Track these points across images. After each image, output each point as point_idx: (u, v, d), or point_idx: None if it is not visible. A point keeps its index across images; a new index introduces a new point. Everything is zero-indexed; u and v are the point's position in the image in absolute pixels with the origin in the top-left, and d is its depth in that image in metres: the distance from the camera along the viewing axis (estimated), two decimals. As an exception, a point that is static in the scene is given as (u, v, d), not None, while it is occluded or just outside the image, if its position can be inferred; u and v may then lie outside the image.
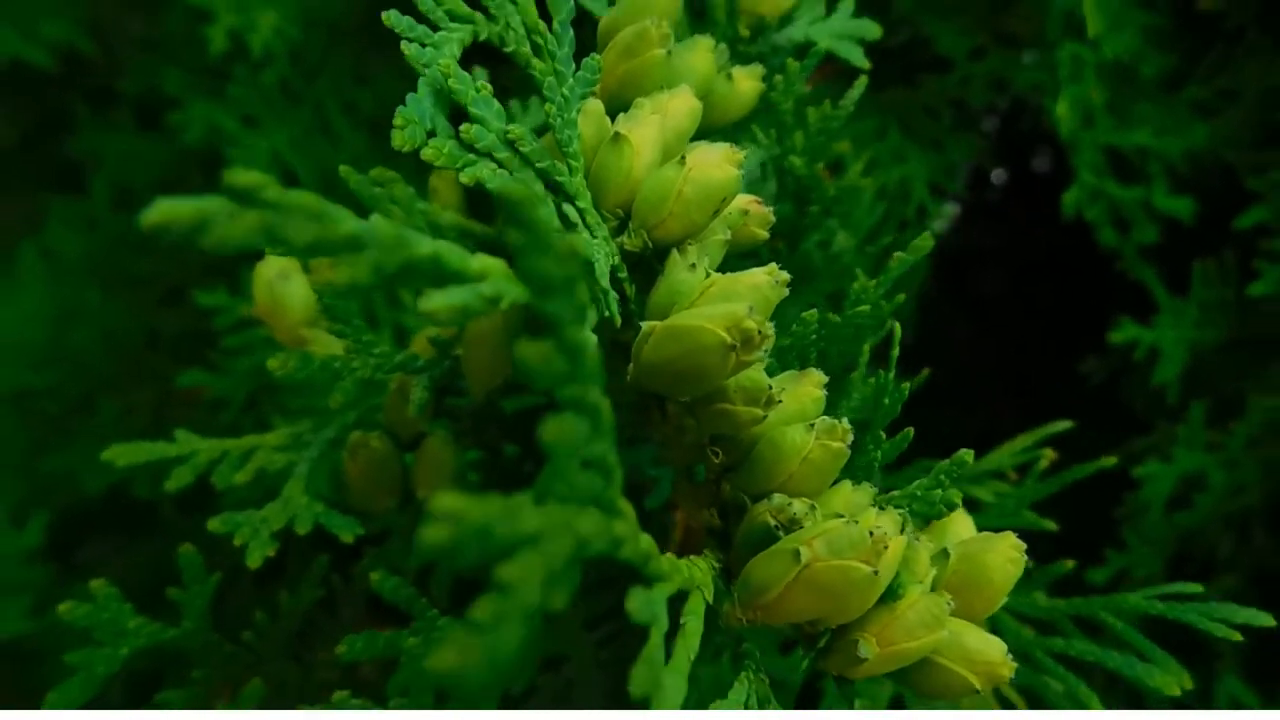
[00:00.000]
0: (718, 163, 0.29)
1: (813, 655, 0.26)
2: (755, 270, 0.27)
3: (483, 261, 0.17)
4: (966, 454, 0.31)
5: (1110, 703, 0.37)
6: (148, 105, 1.07)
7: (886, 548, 0.24)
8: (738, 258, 0.41)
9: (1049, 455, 0.46)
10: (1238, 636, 0.36)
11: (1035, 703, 0.36)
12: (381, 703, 0.28)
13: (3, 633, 0.93)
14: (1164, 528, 0.76)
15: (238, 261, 0.99)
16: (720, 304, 0.24)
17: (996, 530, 0.45)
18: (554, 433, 0.15)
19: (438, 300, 0.16)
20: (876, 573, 0.24)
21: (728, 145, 0.30)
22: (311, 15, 0.78)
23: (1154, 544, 0.77)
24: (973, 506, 0.48)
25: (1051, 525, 0.44)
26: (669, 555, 0.21)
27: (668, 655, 0.20)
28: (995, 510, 0.46)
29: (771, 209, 0.32)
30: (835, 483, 0.29)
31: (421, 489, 0.37)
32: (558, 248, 0.15)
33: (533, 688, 0.35)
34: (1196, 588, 0.38)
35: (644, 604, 0.18)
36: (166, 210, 0.14)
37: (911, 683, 0.28)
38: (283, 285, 0.41)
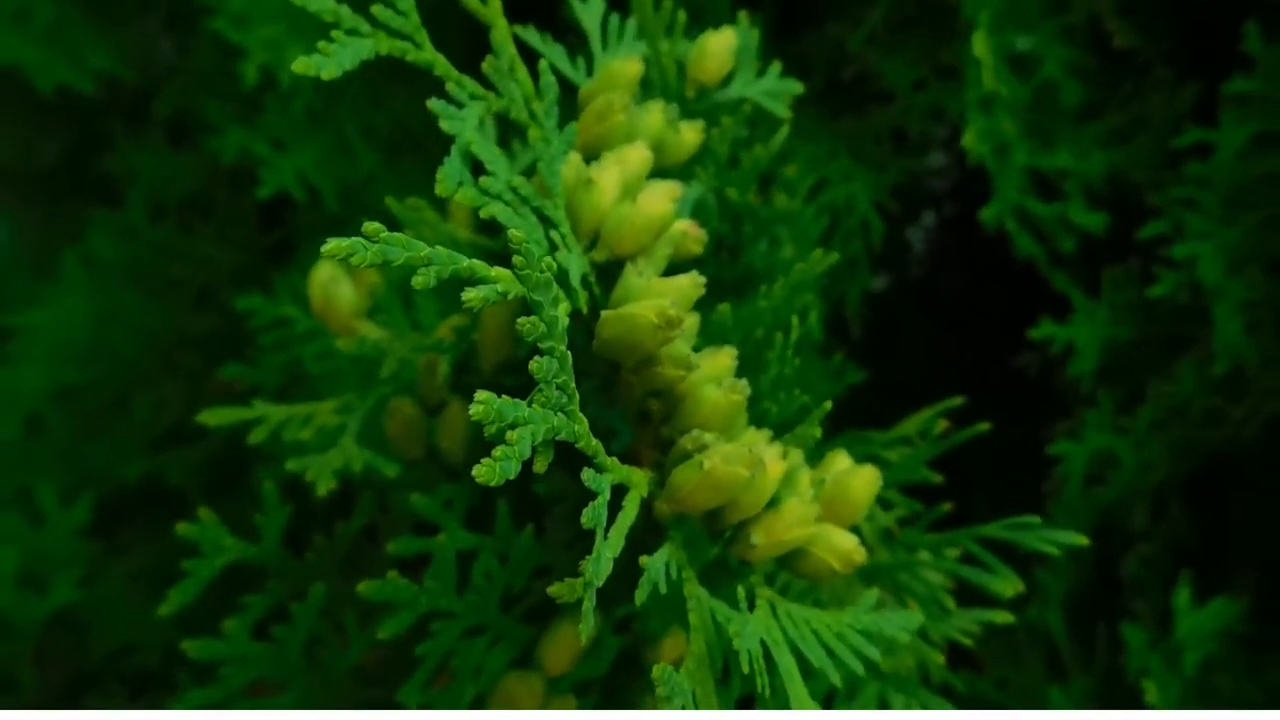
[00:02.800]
0: (660, 199, 0.42)
1: (721, 544, 0.39)
2: (681, 276, 0.40)
3: (498, 271, 0.30)
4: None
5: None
6: (178, 126, 1.19)
7: (764, 463, 0.37)
8: (691, 262, 0.54)
9: (942, 424, 0.59)
10: (1057, 551, 0.48)
11: (904, 600, 0.49)
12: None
13: (57, 601, 1.05)
14: (1083, 502, 0.89)
15: (262, 267, 1.12)
16: (652, 299, 0.37)
17: (900, 483, 0.59)
18: (536, 367, 0.28)
19: (471, 294, 0.29)
20: (753, 476, 0.36)
21: (669, 183, 0.43)
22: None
23: (1076, 517, 0.90)
24: (885, 464, 0.61)
25: (937, 478, 0.57)
26: (614, 459, 0.34)
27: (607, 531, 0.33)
28: (899, 467, 0.58)
29: (705, 231, 0.45)
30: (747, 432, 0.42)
31: (443, 443, 0.50)
32: (542, 264, 0.27)
33: (529, 588, 0.48)
34: (1035, 520, 0.51)
35: (591, 479, 0.30)
36: (334, 246, 0.27)
37: (792, 567, 0.41)
38: (334, 287, 0.54)
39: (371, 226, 0.27)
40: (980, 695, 0.92)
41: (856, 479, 0.42)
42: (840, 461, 0.44)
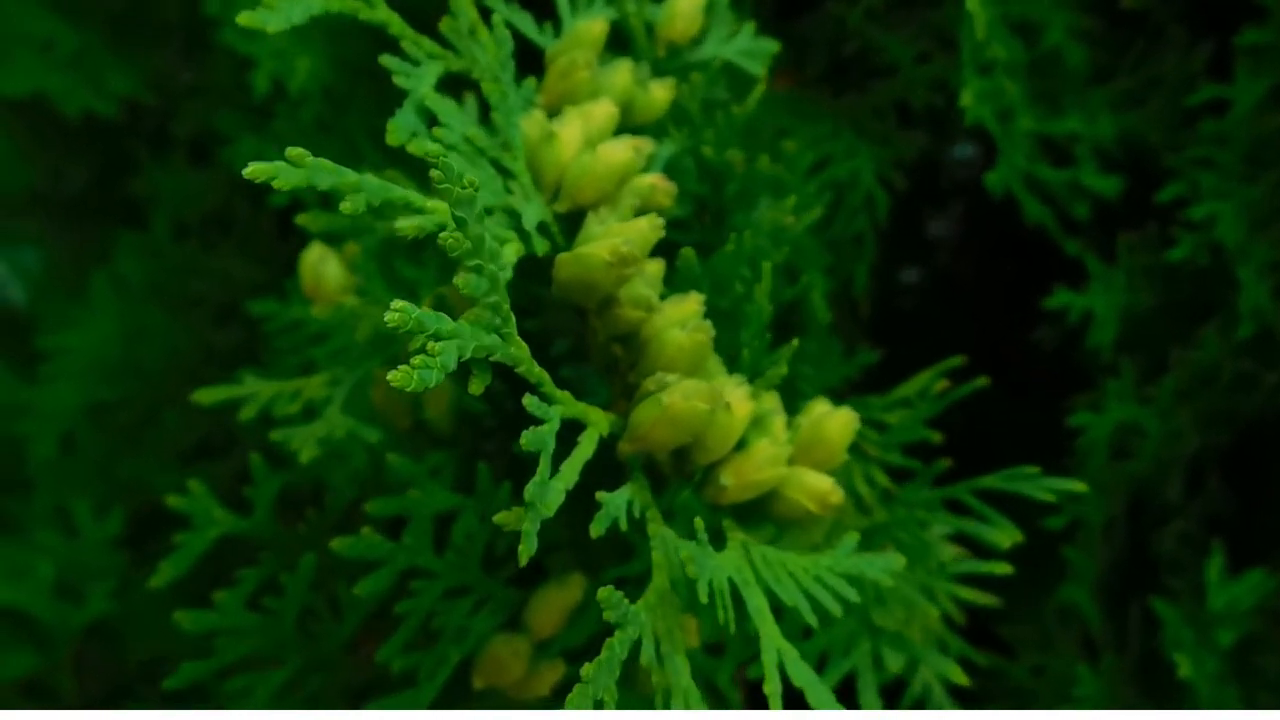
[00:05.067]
0: (621, 148, 0.42)
1: (690, 486, 0.39)
2: (640, 219, 0.40)
3: (434, 203, 0.30)
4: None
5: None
6: (199, 145, 1.23)
7: (728, 401, 0.37)
8: (671, 225, 0.54)
9: (942, 384, 0.58)
10: (1052, 498, 0.47)
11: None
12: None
13: (92, 612, 1.07)
14: (1111, 475, 0.86)
15: (280, 278, 1.14)
16: (607, 239, 0.38)
17: (901, 444, 0.58)
18: (463, 282, 0.28)
19: (405, 223, 0.29)
20: (714, 411, 0.36)
21: (631, 136, 0.43)
22: (340, 58, 0.93)
23: (1105, 491, 0.87)
24: (882, 428, 0.60)
25: (937, 436, 0.56)
26: (567, 393, 0.34)
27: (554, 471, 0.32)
28: (899, 428, 0.58)
29: (674, 186, 0.45)
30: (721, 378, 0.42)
31: (429, 412, 0.51)
32: (464, 180, 0.28)
33: (514, 550, 0.48)
34: (1034, 469, 0.49)
35: (534, 406, 0.31)
36: (257, 169, 0.27)
37: (766, 511, 0.40)
38: (322, 266, 0.55)
39: (295, 152, 0.28)
40: (1014, 683, 0.90)
41: (833, 421, 0.42)
42: (819, 407, 0.43)
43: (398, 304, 0.26)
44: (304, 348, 0.91)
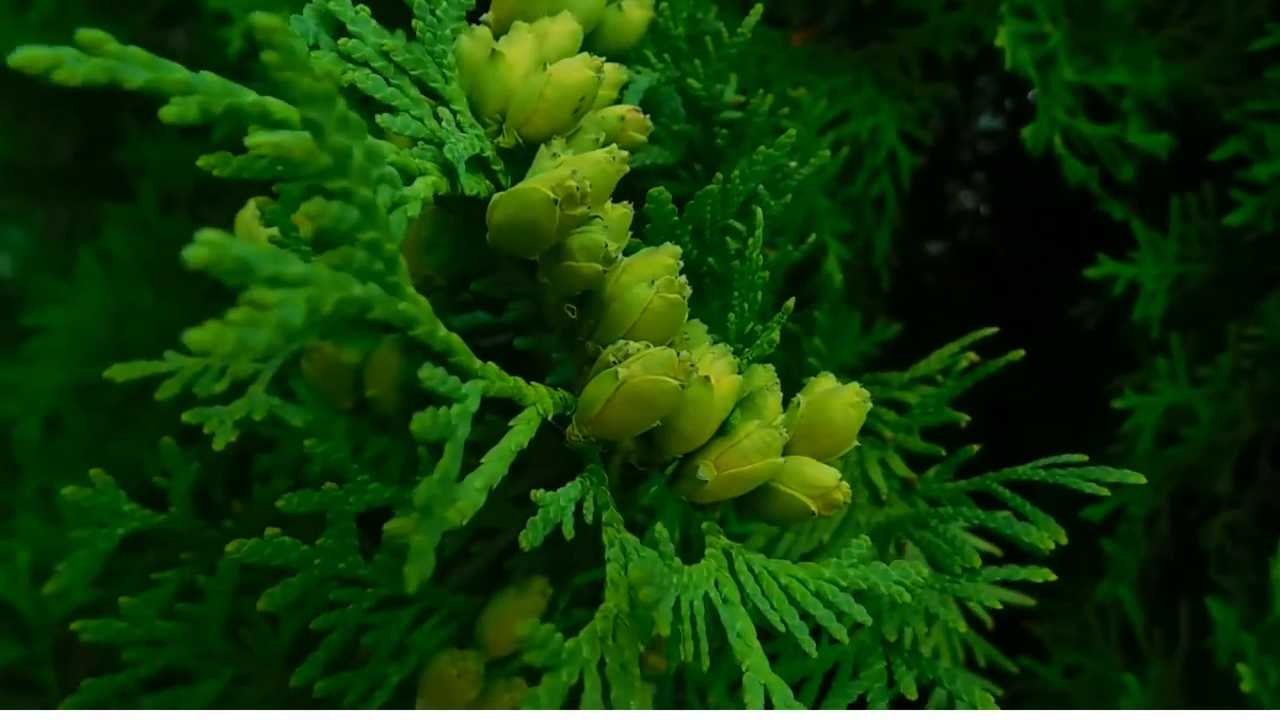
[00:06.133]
0: (576, 67, 0.34)
1: (662, 480, 0.31)
2: (597, 151, 0.32)
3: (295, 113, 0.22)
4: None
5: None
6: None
7: (703, 374, 0.29)
8: (656, 175, 0.46)
9: (970, 357, 0.50)
10: (1106, 492, 0.39)
11: (933, 564, 0.40)
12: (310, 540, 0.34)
13: (74, 601, 1.01)
14: (1157, 463, 0.77)
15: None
16: (552, 171, 0.30)
17: (923, 427, 0.49)
18: (317, 209, 0.20)
19: (258, 138, 0.21)
20: (684, 388, 0.28)
21: (587, 55, 0.35)
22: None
23: (1151, 480, 0.79)
24: (901, 408, 0.52)
25: (964, 418, 0.47)
26: (493, 365, 0.26)
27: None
28: (919, 409, 0.50)
29: (648, 119, 0.37)
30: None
31: (372, 389, 0.43)
32: (316, 70, 0.20)
33: (467, 553, 0.40)
34: (1082, 458, 0.41)
35: (437, 380, 0.23)
36: (29, 55, 0.20)
37: (757, 510, 0.32)
38: (256, 225, 0.47)
39: (90, 35, 0.20)
40: (1046, 685, 0.81)
41: (839, 400, 0.33)
42: (822, 383, 0.35)
43: (207, 235, 0.18)
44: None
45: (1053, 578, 0.40)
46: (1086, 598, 0.82)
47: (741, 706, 0.47)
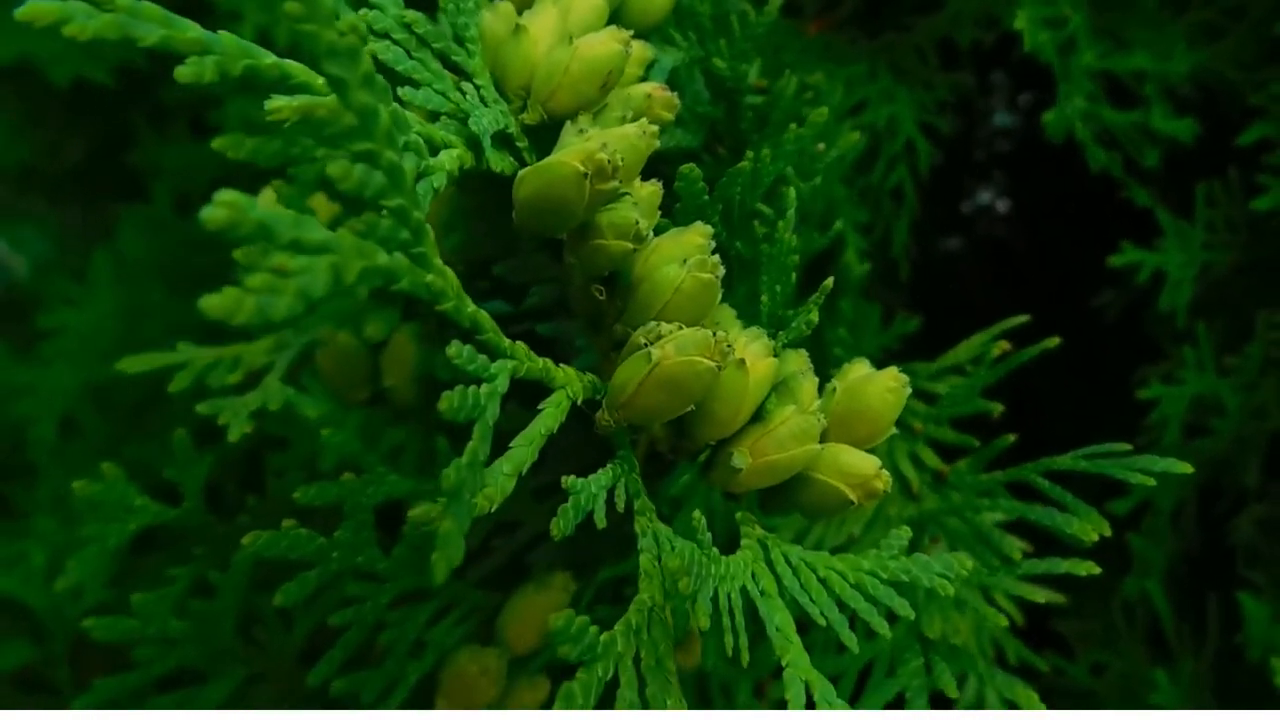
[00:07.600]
0: (603, 40, 0.32)
1: (694, 468, 0.29)
2: (627, 125, 0.30)
3: (319, 78, 0.21)
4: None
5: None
6: (199, 115, 1.15)
7: (739, 357, 0.27)
8: (681, 156, 0.45)
9: (1002, 346, 0.48)
10: (1152, 482, 0.37)
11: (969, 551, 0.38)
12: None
13: (90, 601, 1.00)
14: (1184, 455, 0.75)
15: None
16: (581, 145, 0.28)
17: (952, 419, 0.48)
18: (340, 171, 0.19)
19: (278, 102, 0.20)
20: (720, 370, 0.27)
21: (615, 28, 0.33)
22: None
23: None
24: (931, 399, 0.50)
25: (998, 407, 0.46)
26: (522, 344, 0.25)
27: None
28: (948, 399, 0.48)
29: (675, 96, 0.36)
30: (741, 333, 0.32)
31: (389, 379, 0.42)
32: (343, 24, 0.18)
33: (487, 547, 0.39)
34: (1125, 446, 0.39)
35: (465, 358, 0.21)
36: (37, 8, 0.18)
37: (792, 500, 0.31)
38: (270, 213, 0.46)
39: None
40: (1070, 683, 0.79)
41: (875, 385, 0.32)
42: (858, 368, 0.34)
43: (227, 195, 0.16)
44: (295, 321, 0.83)
45: (1097, 570, 0.38)
46: (1112, 593, 0.79)
47: (767, 706, 0.46)
